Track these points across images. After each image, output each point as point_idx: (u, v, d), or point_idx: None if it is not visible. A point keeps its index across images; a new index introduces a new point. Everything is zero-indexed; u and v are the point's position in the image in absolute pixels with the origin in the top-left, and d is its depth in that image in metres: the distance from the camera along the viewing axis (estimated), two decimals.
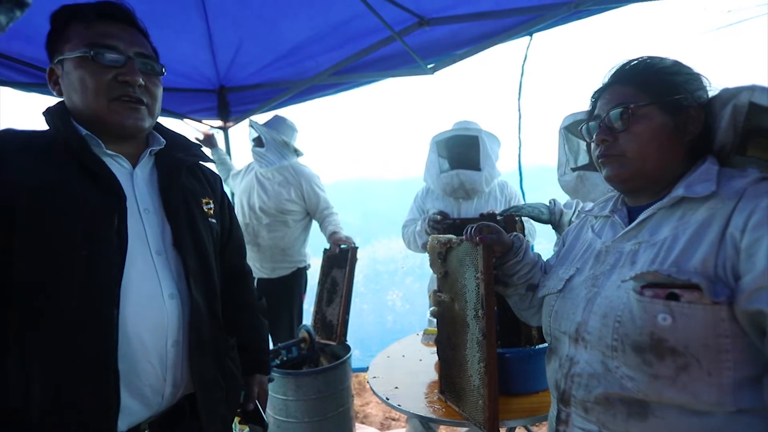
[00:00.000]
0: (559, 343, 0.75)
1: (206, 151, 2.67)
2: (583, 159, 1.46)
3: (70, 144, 0.73)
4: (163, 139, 0.88)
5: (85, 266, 0.69)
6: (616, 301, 0.65)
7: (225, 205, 1.01)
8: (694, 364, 0.57)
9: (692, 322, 0.57)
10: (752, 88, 0.62)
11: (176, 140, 0.91)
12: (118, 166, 0.80)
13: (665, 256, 0.62)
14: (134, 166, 0.82)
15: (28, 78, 1.92)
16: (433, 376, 1.39)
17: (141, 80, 0.76)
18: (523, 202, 1.94)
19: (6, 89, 1.94)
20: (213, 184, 0.99)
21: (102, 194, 0.73)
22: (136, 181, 0.81)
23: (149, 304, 0.75)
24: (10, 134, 0.73)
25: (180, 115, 2.61)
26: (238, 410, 1.01)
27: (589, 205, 0.99)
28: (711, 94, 0.70)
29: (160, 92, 0.82)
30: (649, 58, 0.72)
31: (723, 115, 0.66)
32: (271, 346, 2.32)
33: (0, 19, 0.50)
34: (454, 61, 2.19)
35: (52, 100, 0.80)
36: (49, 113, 0.76)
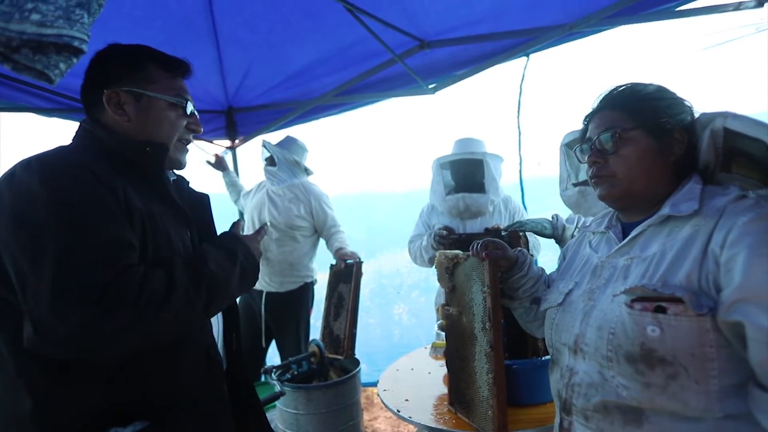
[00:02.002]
0: (560, 354, 0.79)
1: (216, 174, 2.76)
2: (585, 174, 1.51)
3: (149, 169, 0.80)
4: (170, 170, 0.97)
5: None
6: (610, 314, 0.70)
7: None
8: (682, 373, 0.61)
9: (679, 333, 0.61)
10: (725, 115, 0.68)
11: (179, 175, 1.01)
12: None
13: (654, 271, 0.67)
14: None
15: (50, 104, 2.02)
16: (442, 388, 1.42)
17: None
18: (526, 217, 1.98)
19: (28, 115, 2.04)
20: None
21: (174, 213, 0.82)
22: None
23: None
24: (91, 152, 0.76)
25: None
26: None
27: (590, 220, 1.04)
28: (696, 115, 0.76)
29: None
30: (635, 84, 0.78)
31: (703, 137, 0.72)
32: (278, 360, 2.36)
33: (60, 66, 0.57)
34: (454, 81, 2.26)
35: (71, 125, 0.86)
36: (106, 137, 0.80)
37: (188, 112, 0.86)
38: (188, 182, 0.99)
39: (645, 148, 0.73)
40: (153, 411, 0.70)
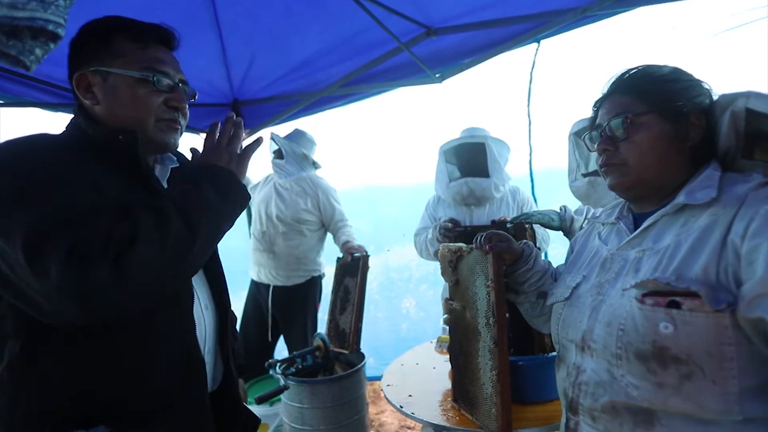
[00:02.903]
0: (567, 351, 0.75)
1: None
2: (594, 164, 1.45)
3: (123, 158, 0.74)
4: (173, 156, 0.90)
5: None
6: (619, 309, 0.65)
7: None
8: (698, 373, 0.57)
9: (694, 330, 0.56)
10: (747, 95, 0.63)
11: (182, 158, 0.95)
12: None
13: (667, 264, 0.62)
14: None
15: (56, 99, 2.02)
16: (447, 384, 1.39)
17: (186, 106, 0.81)
18: (534, 209, 1.93)
19: (33, 110, 2.05)
20: None
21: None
22: None
23: (195, 315, 0.79)
24: (66, 140, 0.73)
25: (197, 130, 2.69)
26: None
27: (599, 211, 0.99)
28: (715, 98, 0.70)
29: (188, 114, 0.87)
30: (647, 66, 0.73)
31: (723, 120, 0.67)
32: (285, 354, 2.36)
33: (36, 52, 0.54)
34: (462, 70, 2.20)
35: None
36: (83, 124, 0.76)
37: (165, 87, 0.76)
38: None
39: (659, 134, 0.68)
40: (119, 414, 0.66)
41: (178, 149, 0.87)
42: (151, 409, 0.69)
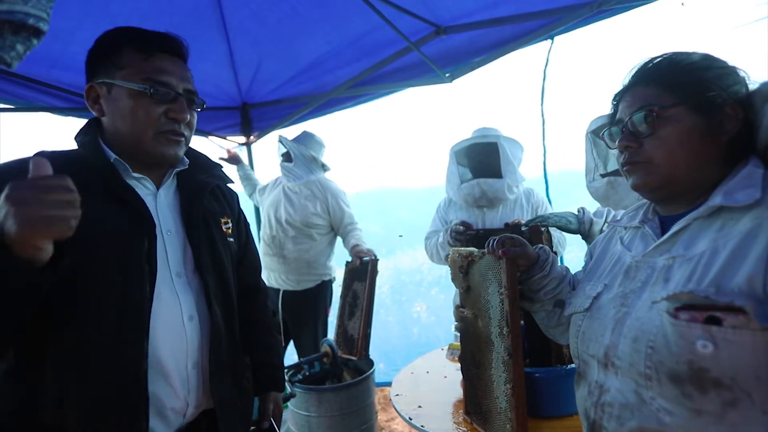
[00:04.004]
0: (588, 367, 0.69)
1: (230, 167, 2.74)
2: (614, 164, 1.39)
3: (100, 171, 0.75)
4: (186, 159, 0.89)
5: (121, 295, 0.70)
6: (648, 323, 0.59)
7: (241, 223, 1.02)
8: (744, 400, 0.50)
9: (739, 351, 0.50)
10: None
11: (198, 160, 0.93)
12: (142, 188, 0.81)
13: (703, 274, 0.56)
14: (158, 186, 0.84)
15: (66, 103, 2.04)
16: (459, 393, 1.33)
17: (188, 117, 0.79)
18: (550, 211, 1.85)
19: (44, 114, 2.07)
20: (231, 202, 1.00)
21: (130, 219, 0.74)
22: (159, 202, 0.83)
23: (170, 327, 0.76)
24: (48, 158, 0.72)
25: (205, 133, 2.70)
26: (252, 428, 1.00)
27: (620, 213, 0.93)
28: (751, 87, 0.64)
29: (195, 124, 0.85)
30: (674, 54, 0.66)
31: (765, 111, 0.60)
32: (296, 359, 2.33)
33: (18, 48, 0.51)
34: (473, 69, 2.15)
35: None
36: (79, 138, 0.78)
37: (165, 98, 0.75)
38: (210, 168, 0.91)
39: (689, 128, 0.61)
40: None
41: (180, 158, 0.85)
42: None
